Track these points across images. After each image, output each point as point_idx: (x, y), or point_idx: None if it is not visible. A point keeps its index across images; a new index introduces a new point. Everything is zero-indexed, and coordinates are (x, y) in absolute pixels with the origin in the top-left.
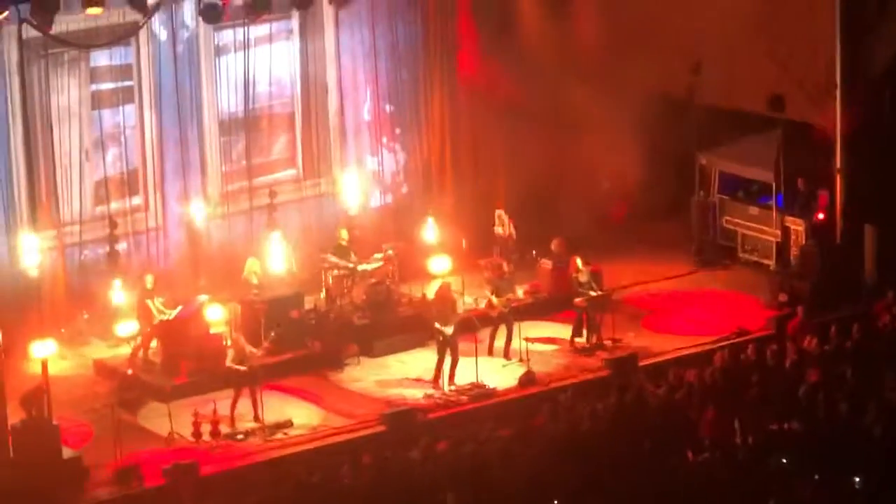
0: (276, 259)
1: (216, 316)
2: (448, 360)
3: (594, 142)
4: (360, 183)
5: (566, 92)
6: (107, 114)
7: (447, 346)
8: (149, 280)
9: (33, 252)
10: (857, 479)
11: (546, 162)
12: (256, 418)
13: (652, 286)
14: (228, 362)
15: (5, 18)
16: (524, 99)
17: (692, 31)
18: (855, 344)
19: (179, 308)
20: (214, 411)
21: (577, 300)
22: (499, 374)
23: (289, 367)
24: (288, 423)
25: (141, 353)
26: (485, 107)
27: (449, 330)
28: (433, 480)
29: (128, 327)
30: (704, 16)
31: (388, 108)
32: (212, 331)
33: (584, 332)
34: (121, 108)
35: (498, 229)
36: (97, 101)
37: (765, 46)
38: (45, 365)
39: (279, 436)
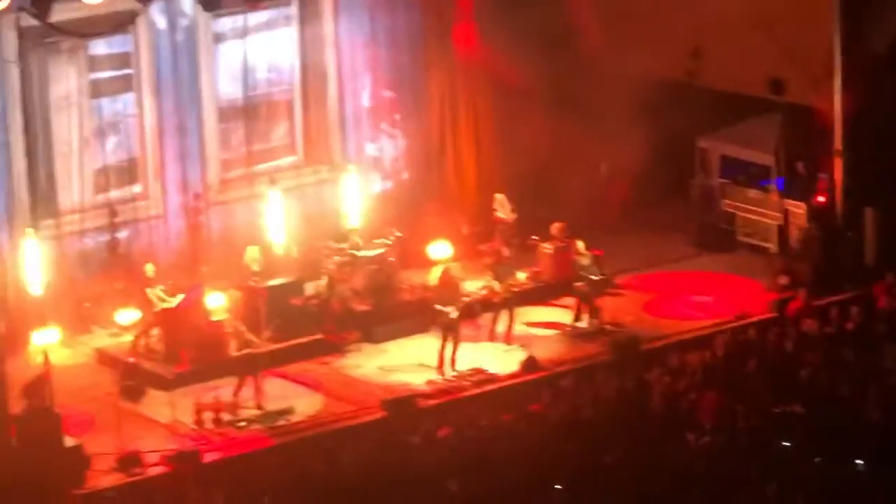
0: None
1: (217, 303)
2: (450, 345)
3: (595, 125)
4: (361, 171)
5: (566, 75)
6: (106, 102)
7: (450, 331)
8: (150, 269)
9: (34, 241)
10: (859, 462)
11: (546, 146)
12: (258, 406)
13: (653, 270)
14: (231, 351)
15: (5, 7)
16: (524, 83)
17: (692, 14)
18: (855, 326)
19: (180, 296)
20: (216, 399)
21: (578, 284)
22: (500, 360)
23: (290, 353)
24: (290, 411)
25: (142, 342)
26: (485, 92)
27: (452, 312)
28: (435, 467)
29: (129, 316)
30: None
31: (387, 93)
32: (213, 318)
33: (586, 316)
34: (120, 96)
35: (499, 213)
36: (96, 89)
37: (765, 29)
38: (46, 354)
39: (281, 423)
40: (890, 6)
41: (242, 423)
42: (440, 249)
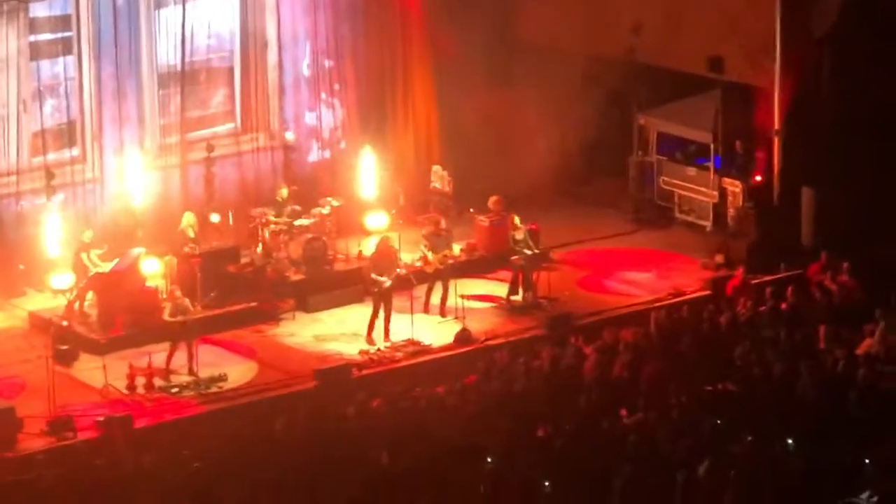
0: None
1: (152, 269)
2: (382, 315)
3: (533, 99)
4: (299, 140)
5: (506, 49)
6: (45, 65)
7: (382, 299)
8: (87, 234)
9: None
10: (790, 441)
11: (485, 118)
12: (191, 372)
13: (589, 245)
14: (165, 316)
15: None
16: (464, 56)
17: None
18: (790, 306)
19: (115, 261)
20: (149, 364)
21: (514, 258)
22: (434, 331)
23: (224, 321)
24: (223, 378)
25: (76, 306)
26: (425, 63)
27: (386, 281)
28: (367, 437)
29: (63, 279)
30: None
31: (327, 63)
32: (148, 284)
33: (520, 290)
34: (59, 59)
35: (435, 185)
36: (35, 51)
37: (705, 7)
38: None
39: (213, 390)
40: None
41: (175, 389)
42: (377, 220)
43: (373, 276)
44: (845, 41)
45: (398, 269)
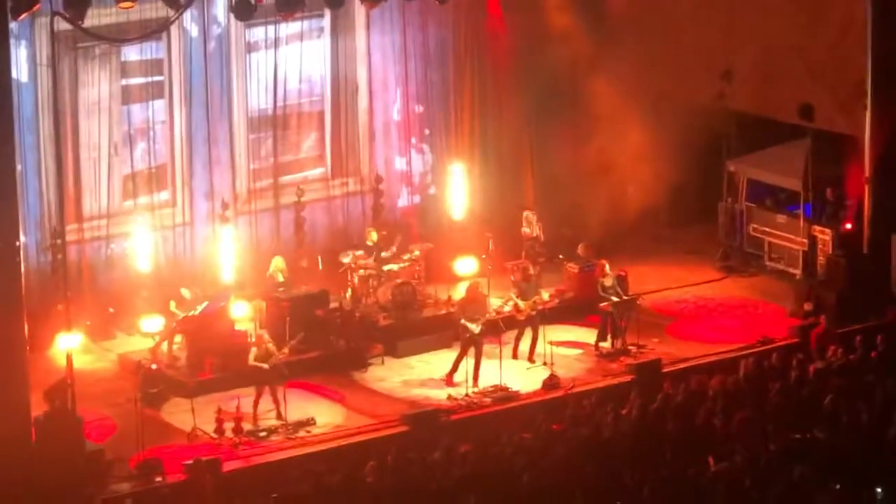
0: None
1: (241, 313)
2: (472, 361)
3: (624, 146)
4: (390, 185)
5: (598, 96)
6: (136, 108)
7: (471, 344)
8: (185, 292)
9: (60, 245)
10: (879, 490)
11: (575, 165)
12: (279, 416)
13: (678, 292)
14: (251, 360)
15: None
16: (554, 103)
17: (724, 37)
18: (879, 354)
19: (205, 304)
20: (238, 408)
21: (603, 304)
22: (523, 377)
23: (313, 365)
24: (311, 422)
25: (165, 349)
26: (515, 108)
27: (476, 328)
28: (455, 482)
29: (153, 322)
30: (737, 23)
31: (417, 108)
32: (237, 327)
33: (609, 336)
34: (150, 103)
35: (526, 230)
36: (127, 95)
37: (796, 55)
38: (69, 358)
39: (302, 434)
40: None
41: (263, 433)
42: (466, 265)
43: (462, 321)
44: None
45: (488, 315)
